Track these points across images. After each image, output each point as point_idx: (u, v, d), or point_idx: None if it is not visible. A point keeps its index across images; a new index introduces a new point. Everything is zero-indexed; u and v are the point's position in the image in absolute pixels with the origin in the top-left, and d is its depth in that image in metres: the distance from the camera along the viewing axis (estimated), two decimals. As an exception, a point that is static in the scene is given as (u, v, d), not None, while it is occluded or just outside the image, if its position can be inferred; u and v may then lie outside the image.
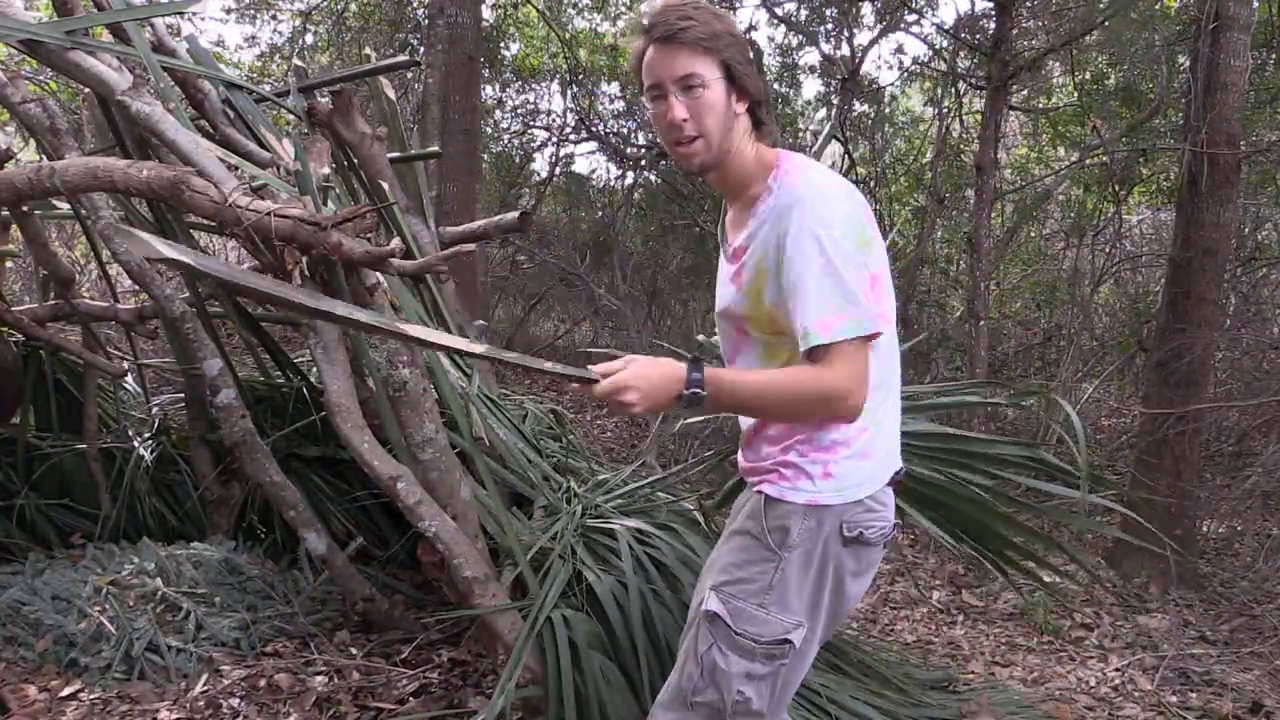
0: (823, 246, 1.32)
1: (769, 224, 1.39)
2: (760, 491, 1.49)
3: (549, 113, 9.72)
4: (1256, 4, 4.77)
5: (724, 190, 1.54)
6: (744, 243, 1.45)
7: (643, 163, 8.96)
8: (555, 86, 9.52)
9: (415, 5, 8.69)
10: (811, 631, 1.47)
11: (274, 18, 9.00)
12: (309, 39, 8.94)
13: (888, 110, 9.18)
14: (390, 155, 2.96)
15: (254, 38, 9.40)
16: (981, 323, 4.98)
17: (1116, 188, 7.11)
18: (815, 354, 1.33)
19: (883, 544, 1.50)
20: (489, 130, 9.28)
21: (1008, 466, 2.32)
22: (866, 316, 1.33)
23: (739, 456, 1.61)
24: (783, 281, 1.37)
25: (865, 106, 8.84)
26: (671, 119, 1.41)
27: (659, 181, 8.98)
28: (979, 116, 7.30)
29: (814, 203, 1.35)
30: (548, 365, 1.42)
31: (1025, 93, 7.85)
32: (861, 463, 1.45)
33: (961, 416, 5.02)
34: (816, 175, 1.41)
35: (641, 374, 1.32)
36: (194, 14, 6.42)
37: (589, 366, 1.36)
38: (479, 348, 1.47)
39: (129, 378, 3.70)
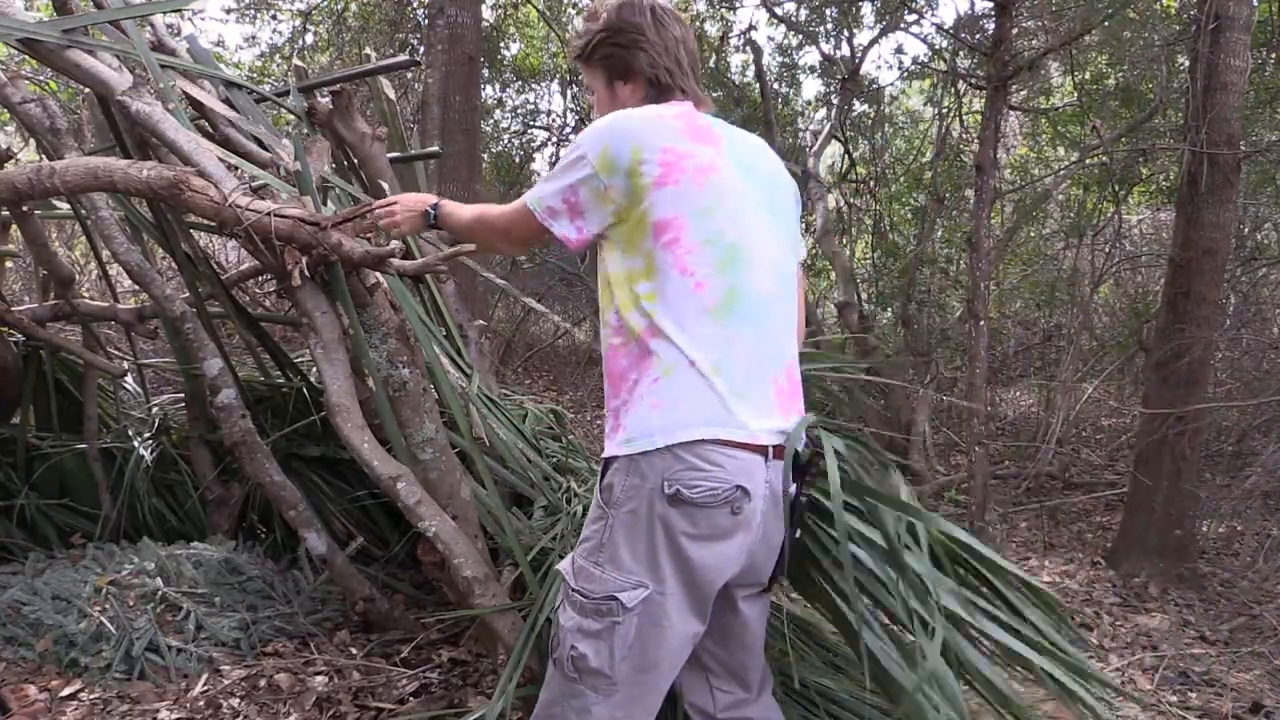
0: (569, 148, 1.54)
1: None
2: None
3: (549, 113, 9.73)
4: (1256, 4, 4.77)
5: None
6: None
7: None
8: (555, 86, 9.53)
9: (415, 5, 8.69)
10: (663, 595, 1.41)
11: (274, 18, 9.00)
12: (309, 39, 8.94)
13: (888, 110, 9.17)
14: (390, 155, 2.96)
15: (254, 38, 9.42)
16: (981, 323, 4.98)
17: (1116, 188, 7.11)
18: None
19: (728, 509, 1.40)
20: (489, 130, 9.28)
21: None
22: (545, 201, 1.53)
23: None
24: None
25: (865, 106, 8.85)
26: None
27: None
28: (979, 116, 7.29)
29: (596, 122, 1.52)
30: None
31: (1025, 93, 7.85)
32: (651, 413, 1.41)
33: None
34: (626, 113, 1.51)
35: (405, 203, 1.85)
36: (194, 14, 6.42)
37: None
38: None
39: (129, 378, 3.70)
